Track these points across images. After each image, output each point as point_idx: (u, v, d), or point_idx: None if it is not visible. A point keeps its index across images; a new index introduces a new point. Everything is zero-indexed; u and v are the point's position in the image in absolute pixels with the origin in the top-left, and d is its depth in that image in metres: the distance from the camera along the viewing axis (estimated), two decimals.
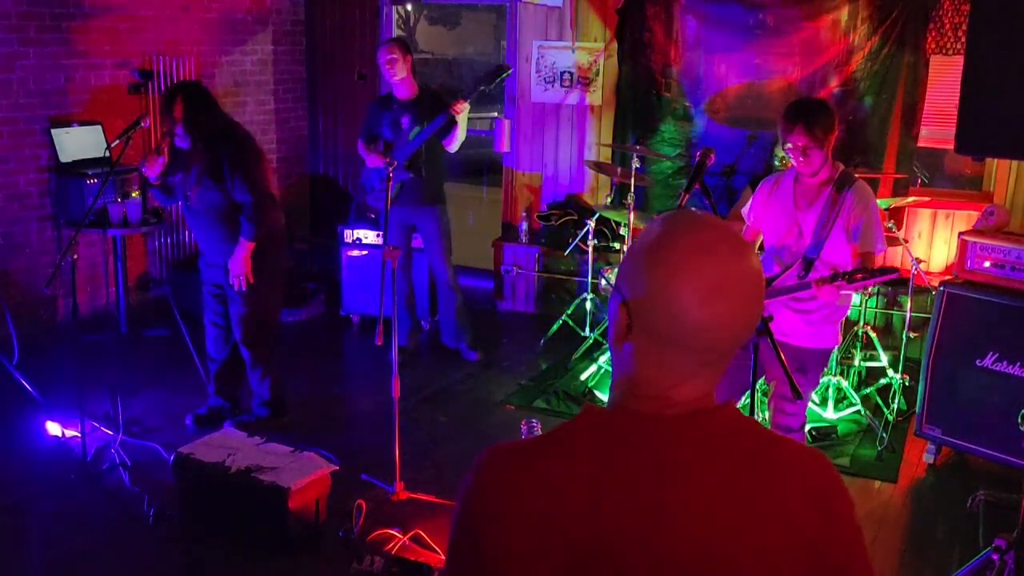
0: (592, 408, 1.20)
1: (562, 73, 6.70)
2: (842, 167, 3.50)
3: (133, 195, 5.79)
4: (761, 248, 3.74)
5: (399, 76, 5.24)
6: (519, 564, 1.12)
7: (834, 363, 4.86)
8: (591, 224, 5.79)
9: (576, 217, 6.53)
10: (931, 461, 4.44)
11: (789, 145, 3.34)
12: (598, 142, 6.67)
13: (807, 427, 4.69)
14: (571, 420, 1.21)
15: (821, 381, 4.89)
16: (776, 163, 5.95)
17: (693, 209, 1.24)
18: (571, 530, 1.10)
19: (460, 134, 5.22)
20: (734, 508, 1.12)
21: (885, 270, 3.21)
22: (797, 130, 3.29)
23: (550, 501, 1.12)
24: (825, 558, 1.15)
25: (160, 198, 4.54)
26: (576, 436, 1.18)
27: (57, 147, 5.64)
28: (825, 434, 4.67)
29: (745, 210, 3.77)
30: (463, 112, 5.13)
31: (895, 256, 6.02)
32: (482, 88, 5.15)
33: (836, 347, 3.79)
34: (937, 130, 5.73)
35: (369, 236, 6.16)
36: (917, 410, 4.41)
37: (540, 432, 2.73)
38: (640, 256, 1.16)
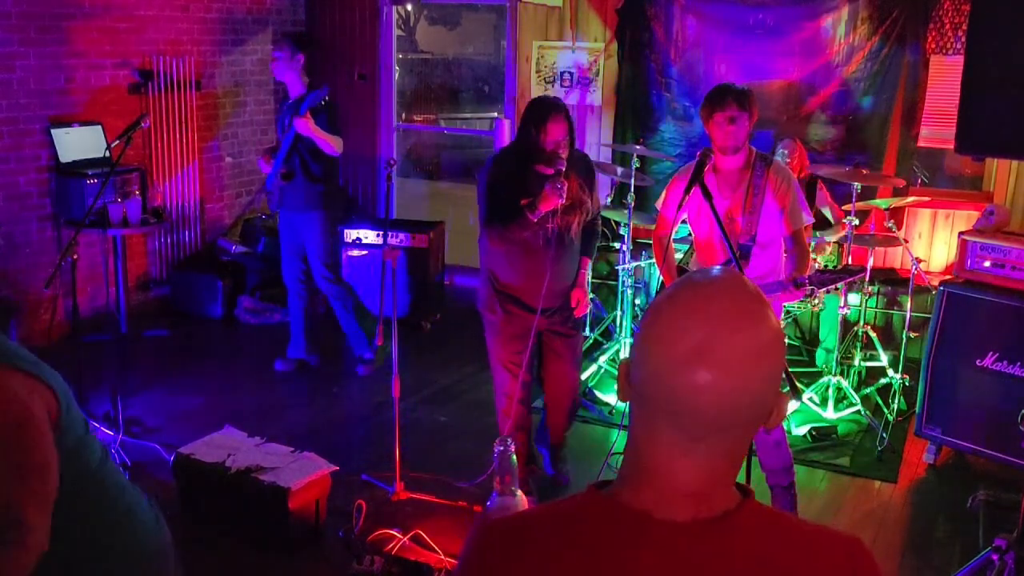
0: (596, 495, 1.10)
1: (562, 73, 6.70)
2: (756, 150, 3.57)
3: (133, 195, 5.79)
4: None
5: (280, 77, 5.11)
6: None
7: (834, 363, 4.87)
8: None
9: None
10: (931, 461, 4.44)
11: (718, 118, 3.41)
12: (598, 142, 6.67)
13: (807, 427, 4.70)
14: (574, 502, 1.12)
15: (821, 381, 4.90)
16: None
17: (718, 268, 1.14)
18: None
19: (330, 141, 4.90)
20: None
21: (851, 270, 3.27)
22: (727, 101, 3.39)
23: None
24: None
25: (519, 233, 3.82)
26: (577, 527, 1.09)
27: (57, 147, 5.64)
28: (825, 434, 4.67)
29: (659, 203, 3.79)
30: (307, 128, 4.80)
31: (895, 256, 6.02)
32: (322, 102, 4.87)
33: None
34: (937, 130, 5.73)
35: (369, 236, 6.16)
36: (917, 410, 4.41)
37: (513, 452, 2.74)
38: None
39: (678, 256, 4.10)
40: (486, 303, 3.85)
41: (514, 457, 2.78)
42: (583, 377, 5.31)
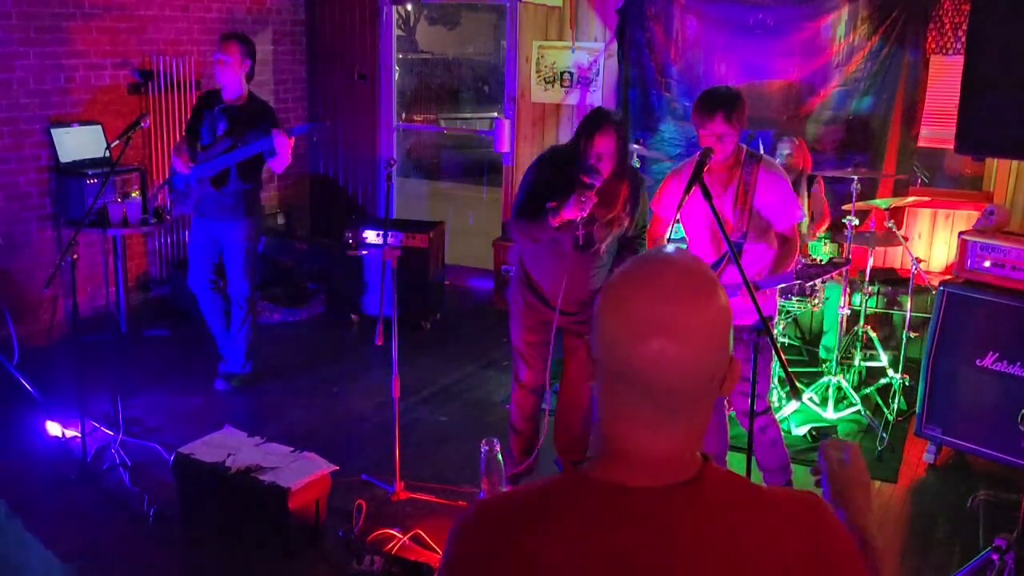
0: (572, 473, 1.16)
1: (562, 73, 6.70)
2: (746, 148, 3.56)
3: (133, 195, 5.79)
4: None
5: (225, 80, 4.79)
6: None
7: (834, 363, 4.87)
8: None
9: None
10: (931, 461, 4.44)
11: (704, 132, 3.39)
12: None
13: (807, 427, 4.70)
14: (554, 484, 1.17)
15: (821, 381, 4.91)
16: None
17: (670, 246, 1.20)
18: None
19: (286, 160, 4.73)
20: (719, 565, 1.08)
21: (835, 263, 3.28)
22: (717, 118, 3.36)
23: (539, 563, 1.09)
24: None
25: (539, 234, 3.73)
26: (555, 502, 1.14)
27: (57, 147, 5.64)
28: (825, 434, 4.67)
29: (653, 202, 3.79)
30: (287, 150, 4.67)
31: (895, 256, 6.03)
32: (315, 126, 4.86)
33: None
34: (937, 130, 5.73)
35: (370, 236, 6.16)
36: (917, 410, 4.41)
37: (499, 450, 2.73)
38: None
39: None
40: (512, 289, 3.91)
41: (500, 457, 2.79)
42: None
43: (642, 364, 1.07)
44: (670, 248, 1.22)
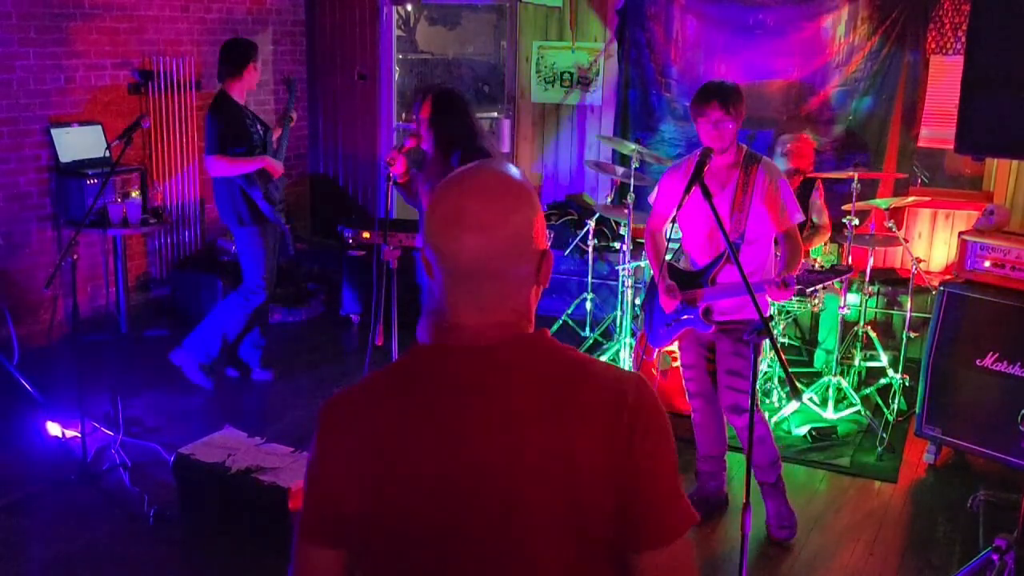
0: (413, 347, 1.35)
1: (562, 73, 6.70)
2: (746, 148, 3.56)
3: (133, 195, 5.79)
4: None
5: (254, 85, 5.07)
6: (356, 494, 1.26)
7: (834, 363, 4.86)
8: (591, 224, 5.79)
9: (576, 217, 6.53)
10: (931, 461, 4.44)
11: (702, 119, 3.43)
12: (598, 142, 6.67)
13: (807, 427, 4.69)
14: (394, 363, 1.38)
15: (821, 381, 4.90)
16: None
17: (492, 161, 1.38)
18: (387, 459, 1.26)
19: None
20: (534, 427, 1.22)
21: (838, 270, 3.27)
22: (713, 104, 3.40)
23: (368, 435, 1.28)
24: (626, 473, 1.22)
25: (404, 198, 4.40)
26: (387, 381, 1.33)
27: (57, 147, 5.64)
28: (825, 434, 4.67)
29: (651, 198, 3.78)
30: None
31: (895, 256, 6.03)
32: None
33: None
34: (937, 130, 5.73)
35: (370, 236, 6.15)
36: (917, 410, 4.41)
37: None
38: None
39: (669, 257, 4.10)
40: None
41: None
42: None
43: (452, 249, 1.26)
44: (484, 162, 1.41)
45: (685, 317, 3.60)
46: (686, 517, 1.26)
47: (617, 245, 6.23)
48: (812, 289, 3.48)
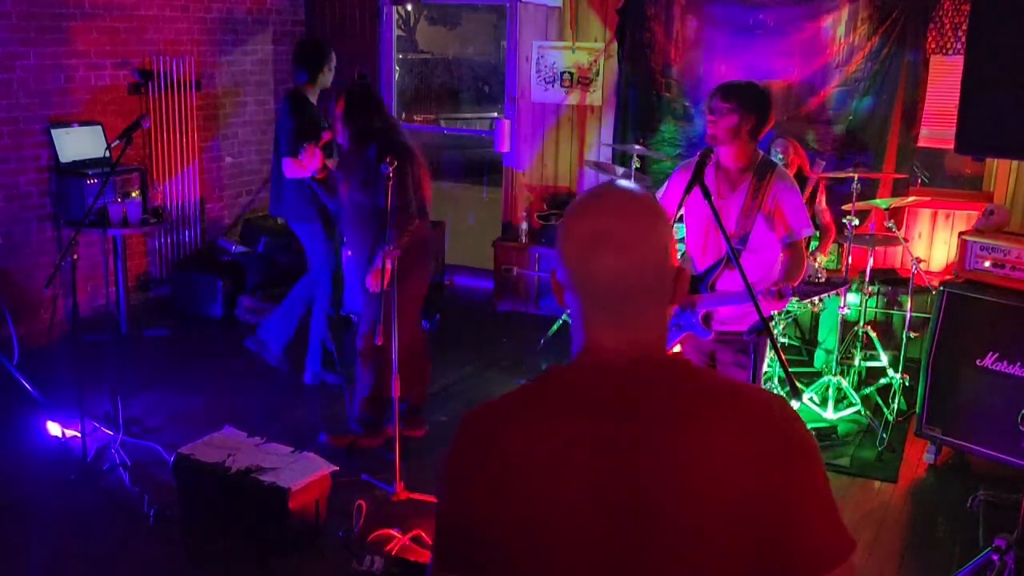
0: (545, 373, 1.32)
1: (562, 73, 6.70)
2: (762, 154, 3.50)
3: (133, 195, 5.79)
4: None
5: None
6: (497, 523, 1.21)
7: (834, 363, 4.87)
8: None
9: None
10: (931, 461, 4.44)
11: (712, 116, 3.39)
12: (598, 142, 6.67)
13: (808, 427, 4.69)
14: (531, 383, 1.32)
15: (821, 381, 4.91)
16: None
17: (617, 179, 1.38)
18: (531, 483, 1.20)
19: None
20: (688, 452, 1.18)
21: (833, 283, 3.23)
22: (716, 94, 3.39)
23: (519, 457, 1.21)
24: (780, 500, 1.17)
25: (320, 193, 4.52)
26: (522, 402, 1.29)
27: (57, 147, 5.64)
28: (825, 434, 4.67)
29: (659, 194, 3.77)
30: None
31: (895, 256, 6.03)
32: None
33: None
34: (937, 130, 5.73)
35: None
36: (917, 410, 4.41)
37: None
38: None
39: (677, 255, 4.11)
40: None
41: None
42: None
43: (595, 272, 1.24)
44: (612, 182, 1.38)
45: (683, 323, 3.58)
46: (847, 543, 1.22)
47: None
48: (809, 300, 3.44)
